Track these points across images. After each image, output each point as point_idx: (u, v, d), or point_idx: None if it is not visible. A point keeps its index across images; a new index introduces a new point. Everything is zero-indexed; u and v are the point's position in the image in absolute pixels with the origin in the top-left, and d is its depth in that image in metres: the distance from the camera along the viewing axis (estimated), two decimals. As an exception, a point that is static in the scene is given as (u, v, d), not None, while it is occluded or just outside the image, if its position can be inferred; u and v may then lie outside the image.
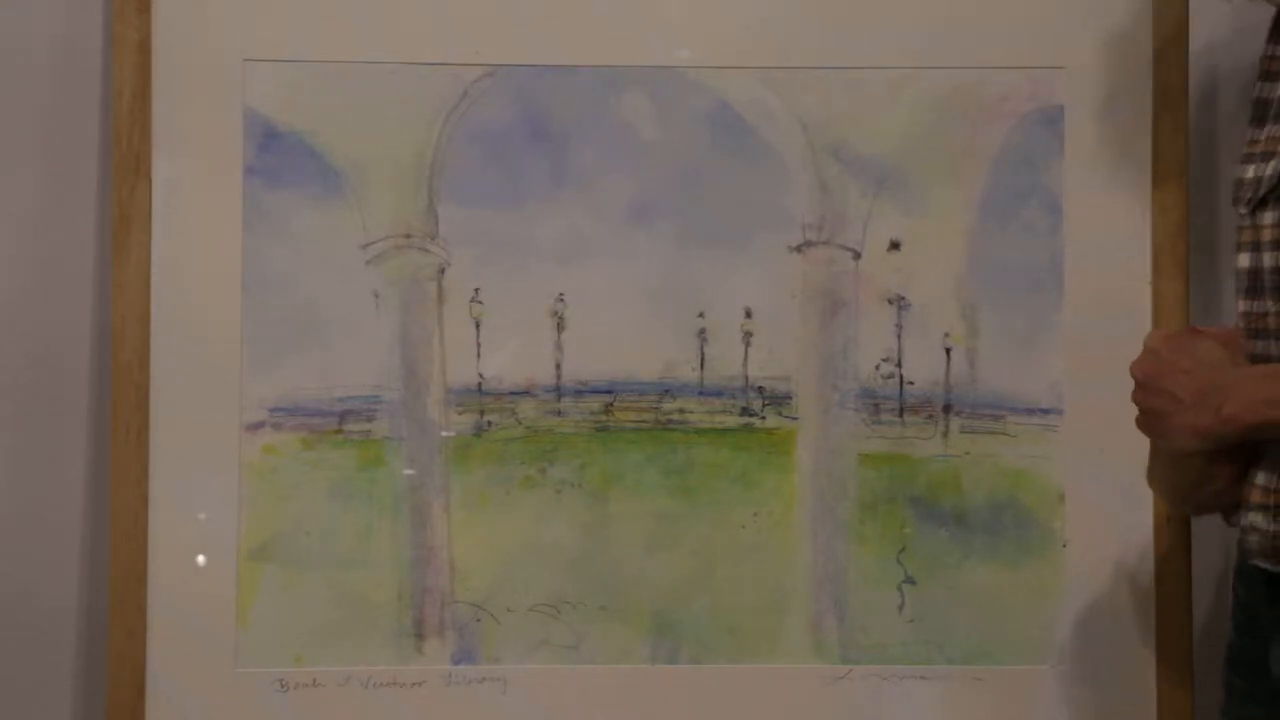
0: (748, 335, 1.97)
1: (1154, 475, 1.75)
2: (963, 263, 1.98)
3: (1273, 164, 1.60)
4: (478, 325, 1.96)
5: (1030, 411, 1.97)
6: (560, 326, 1.96)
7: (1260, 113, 1.67)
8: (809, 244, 1.98)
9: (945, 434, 1.97)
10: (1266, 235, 1.60)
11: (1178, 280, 1.96)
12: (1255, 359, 1.61)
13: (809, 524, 1.97)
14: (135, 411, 1.92)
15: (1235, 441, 1.56)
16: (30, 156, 1.99)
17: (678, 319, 1.97)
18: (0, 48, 1.99)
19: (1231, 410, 1.53)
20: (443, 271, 1.96)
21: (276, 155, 1.95)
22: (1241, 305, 1.65)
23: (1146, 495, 1.95)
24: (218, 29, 1.94)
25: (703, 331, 1.97)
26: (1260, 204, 1.61)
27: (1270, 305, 1.60)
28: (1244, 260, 1.63)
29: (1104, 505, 1.96)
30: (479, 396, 1.96)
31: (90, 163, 1.99)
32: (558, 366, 1.96)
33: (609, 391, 1.96)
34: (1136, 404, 1.63)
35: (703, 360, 1.97)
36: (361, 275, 1.96)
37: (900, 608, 1.96)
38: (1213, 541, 2.04)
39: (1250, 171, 1.64)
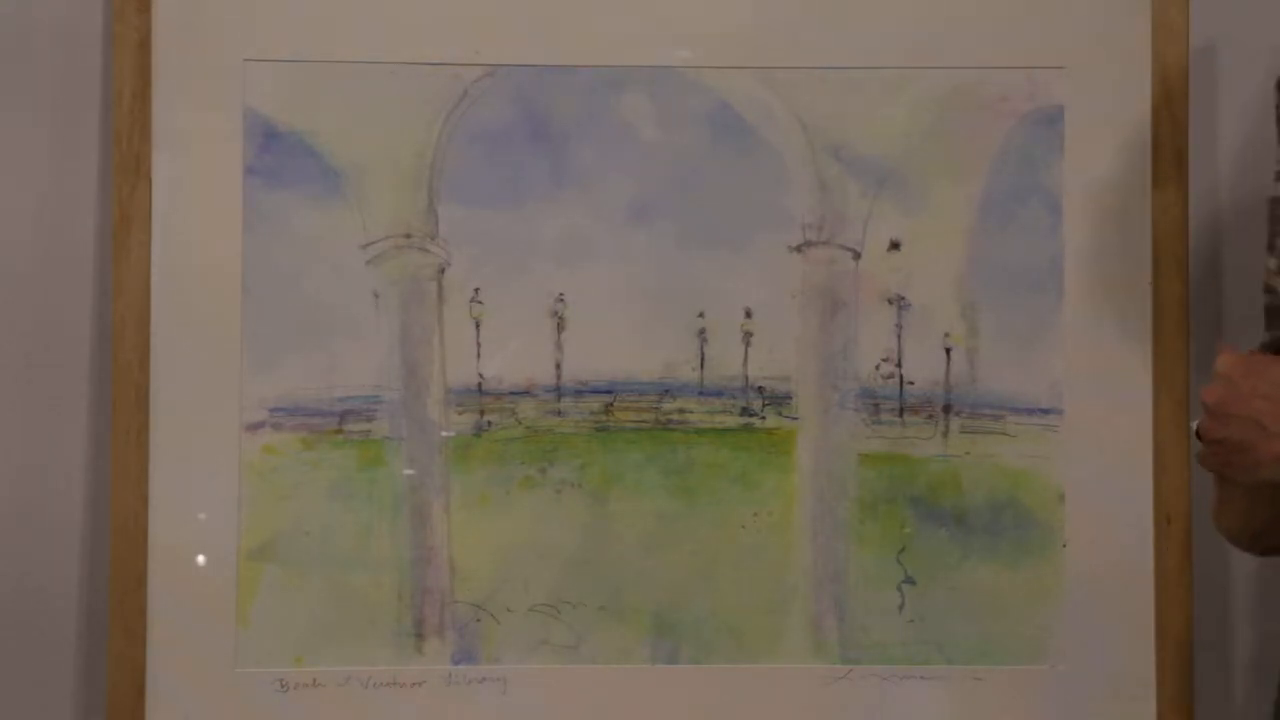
0: (748, 335, 1.97)
1: (1223, 513, 1.66)
2: (963, 263, 1.98)
3: None
4: (478, 325, 1.96)
5: (1030, 411, 1.97)
6: (560, 326, 1.96)
7: None
8: (809, 244, 1.98)
9: (945, 434, 1.97)
10: None
11: (1178, 280, 1.96)
12: None
13: (809, 524, 1.97)
14: (135, 411, 1.92)
15: None
16: (31, 157, 1.99)
17: (678, 319, 1.97)
18: (1, 48, 1.99)
19: None
20: (443, 271, 1.96)
21: (276, 155, 1.95)
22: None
23: (1147, 495, 1.95)
24: (218, 29, 1.94)
25: (703, 331, 1.97)
26: None
27: None
28: None
29: (1104, 505, 1.96)
30: (479, 396, 1.96)
31: (90, 163, 1.99)
32: (558, 366, 1.96)
33: (609, 391, 1.96)
34: (1208, 435, 1.53)
35: (703, 360, 1.97)
36: (361, 275, 1.96)
37: (900, 608, 1.96)
38: (1213, 541, 2.04)
39: None
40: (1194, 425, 1.57)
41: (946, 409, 1.97)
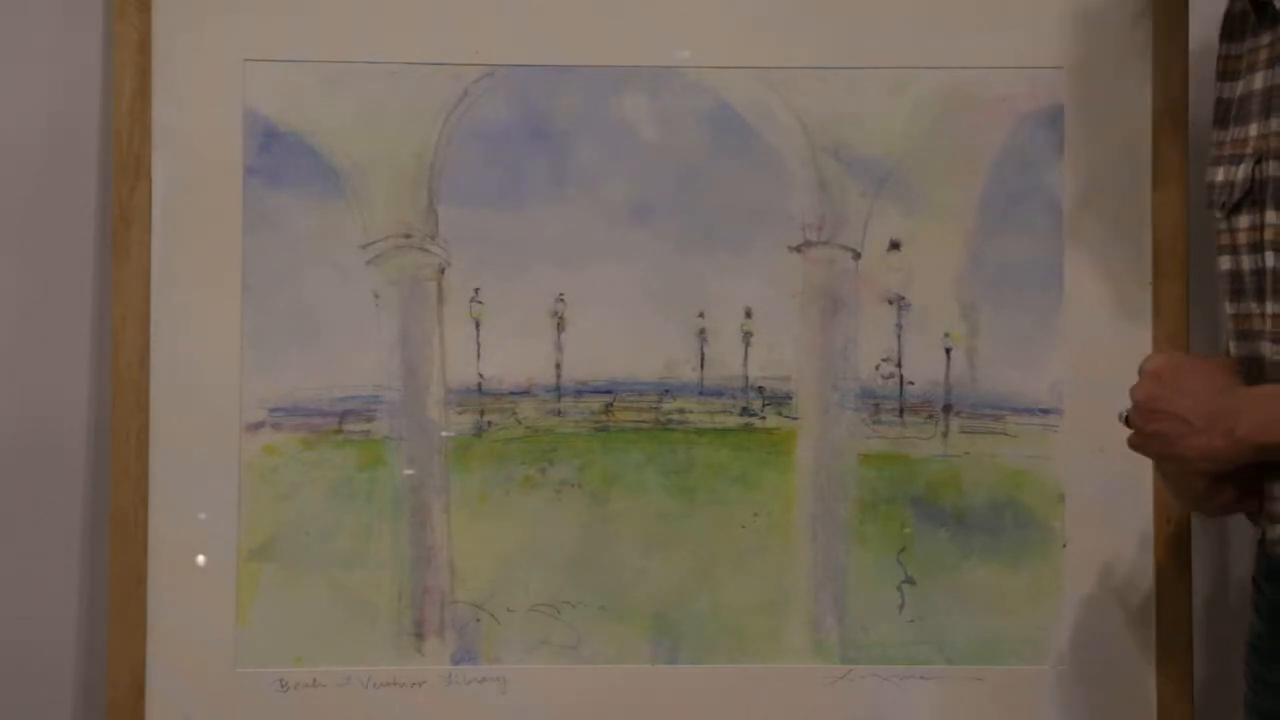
0: (748, 335, 1.97)
1: (1165, 484, 1.77)
2: (963, 263, 1.98)
3: (1242, 168, 1.61)
4: (478, 325, 1.96)
5: (1030, 411, 1.97)
6: (560, 326, 1.96)
7: (1222, 114, 1.68)
8: (809, 244, 1.98)
9: (945, 434, 1.97)
10: (1243, 239, 1.61)
11: (1178, 280, 1.96)
12: (1244, 360, 1.62)
13: (809, 524, 1.97)
14: (135, 412, 1.92)
15: (1249, 461, 1.57)
16: (30, 156, 1.99)
17: (678, 319, 1.97)
18: (0, 48, 1.99)
19: (1245, 431, 1.54)
20: (443, 271, 1.96)
21: (276, 155, 1.95)
22: (1229, 308, 1.66)
23: (1147, 495, 1.95)
24: (218, 29, 1.94)
25: (703, 331, 1.97)
26: (1235, 208, 1.61)
27: (1254, 307, 1.61)
28: (1225, 263, 1.65)
29: (1104, 505, 1.96)
30: (479, 396, 1.96)
31: (90, 163, 1.99)
32: (558, 366, 1.96)
33: (609, 391, 1.96)
34: (1137, 428, 1.62)
35: (703, 360, 1.97)
36: (361, 275, 1.96)
37: (900, 608, 1.96)
38: (1213, 541, 2.04)
39: (1220, 174, 1.64)
40: (1122, 413, 1.65)
41: (946, 409, 1.97)
